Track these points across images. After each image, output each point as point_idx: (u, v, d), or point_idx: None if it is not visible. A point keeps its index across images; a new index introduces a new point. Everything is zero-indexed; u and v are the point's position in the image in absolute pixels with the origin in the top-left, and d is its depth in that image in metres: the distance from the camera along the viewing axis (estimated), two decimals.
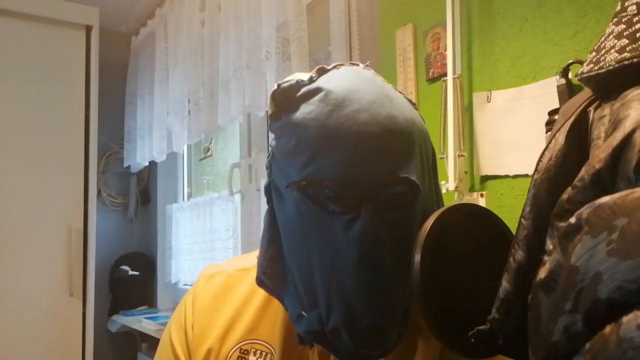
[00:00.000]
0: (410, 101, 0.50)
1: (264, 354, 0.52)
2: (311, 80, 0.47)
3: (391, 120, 0.44)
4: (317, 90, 0.45)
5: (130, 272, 2.20)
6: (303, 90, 0.46)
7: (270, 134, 0.50)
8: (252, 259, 0.57)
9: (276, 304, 0.53)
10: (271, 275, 0.50)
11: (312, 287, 0.45)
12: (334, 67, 0.49)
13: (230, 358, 0.52)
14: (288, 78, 0.48)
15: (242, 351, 0.52)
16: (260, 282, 0.50)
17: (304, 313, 0.46)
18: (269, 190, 0.51)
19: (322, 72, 0.48)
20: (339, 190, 0.43)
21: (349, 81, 0.45)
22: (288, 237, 0.48)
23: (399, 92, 0.50)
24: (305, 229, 0.45)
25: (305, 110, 0.45)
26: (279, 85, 0.47)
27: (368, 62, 0.52)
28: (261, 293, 0.54)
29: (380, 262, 0.42)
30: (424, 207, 0.46)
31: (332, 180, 0.43)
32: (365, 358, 0.44)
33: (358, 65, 0.50)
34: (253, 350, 0.52)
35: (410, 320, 0.46)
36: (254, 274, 0.52)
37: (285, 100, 0.47)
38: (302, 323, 0.46)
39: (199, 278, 0.60)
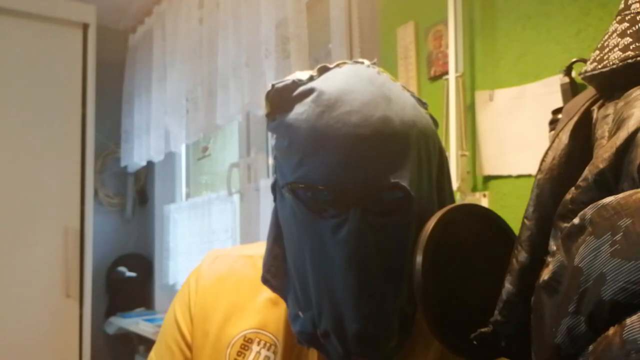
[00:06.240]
0: (420, 101, 0.49)
1: (267, 344, 0.52)
2: (311, 79, 0.47)
3: (384, 122, 0.43)
4: (311, 90, 0.45)
5: (128, 274, 2.20)
6: (298, 90, 0.46)
7: (270, 133, 0.50)
8: (256, 248, 0.57)
9: None
10: (276, 274, 0.50)
11: (306, 288, 0.45)
12: (337, 65, 0.48)
13: (233, 345, 0.53)
14: (286, 78, 0.47)
15: (246, 339, 0.53)
16: (265, 280, 0.50)
17: (300, 313, 0.46)
18: (274, 188, 0.51)
19: (323, 70, 0.48)
20: (328, 193, 0.43)
21: (344, 81, 0.45)
22: (286, 237, 0.48)
23: (408, 91, 0.49)
24: (299, 230, 0.45)
25: (298, 111, 0.44)
26: (273, 85, 0.47)
27: (375, 60, 0.50)
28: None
29: (367, 267, 0.42)
30: (420, 213, 0.44)
31: (322, 183, 0.43)
32: None
33: (363, 63, 0.49)
34: (257, 340, 0.52)
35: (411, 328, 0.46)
36: (259, 262, 0.52)
37: (280, 100, 0.46)
38: (297, 323, 0.46)
39: (203, 259, 0.60)
